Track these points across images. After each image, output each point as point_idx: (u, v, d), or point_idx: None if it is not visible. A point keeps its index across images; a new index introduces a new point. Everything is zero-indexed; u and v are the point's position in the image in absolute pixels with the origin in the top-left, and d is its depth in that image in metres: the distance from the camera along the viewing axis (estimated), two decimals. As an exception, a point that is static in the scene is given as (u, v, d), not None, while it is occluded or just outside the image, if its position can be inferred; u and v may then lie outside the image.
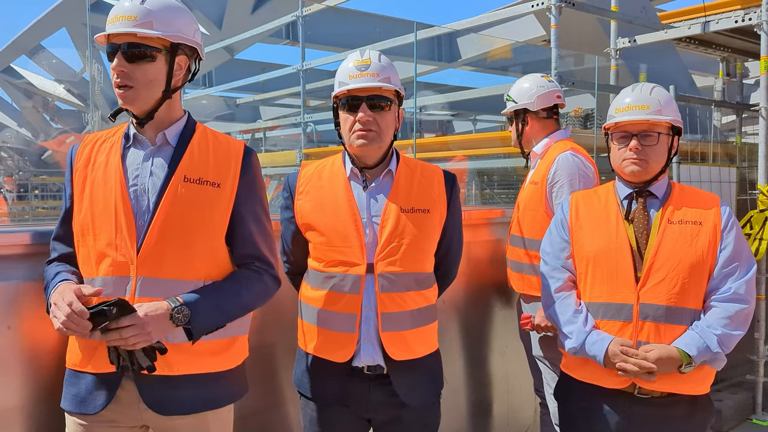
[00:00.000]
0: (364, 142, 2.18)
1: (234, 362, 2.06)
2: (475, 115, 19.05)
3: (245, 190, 2.02)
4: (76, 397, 1.94)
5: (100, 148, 2.01)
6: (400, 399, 2.23)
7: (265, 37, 12.86)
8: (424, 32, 9.45)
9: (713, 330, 2.25)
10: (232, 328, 2.03)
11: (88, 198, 1.95)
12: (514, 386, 3.57)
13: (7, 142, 19.00)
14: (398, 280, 2.20)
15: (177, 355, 1.92)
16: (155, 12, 1.89)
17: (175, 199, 1.92)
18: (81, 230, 1.96)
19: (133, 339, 1.78)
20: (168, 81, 1.93)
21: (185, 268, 1.93)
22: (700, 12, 6.57)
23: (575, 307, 2.41)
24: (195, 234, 1.94)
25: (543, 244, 2.60)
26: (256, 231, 2.04)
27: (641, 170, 2.37)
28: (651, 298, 2.30)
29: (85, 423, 1.95)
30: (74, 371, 1.96)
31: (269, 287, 2.08)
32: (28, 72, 18.16)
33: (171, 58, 1.92)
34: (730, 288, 2.29)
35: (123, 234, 1.89)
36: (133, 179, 1.95)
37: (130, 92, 1.90)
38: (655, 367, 2.21)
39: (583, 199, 2.56)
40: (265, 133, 14.77)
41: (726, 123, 10.41)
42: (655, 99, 2.40)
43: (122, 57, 1.88)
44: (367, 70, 2.19)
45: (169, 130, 1.99)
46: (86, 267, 1.96)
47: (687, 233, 2.34)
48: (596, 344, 2.31)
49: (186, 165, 1.96)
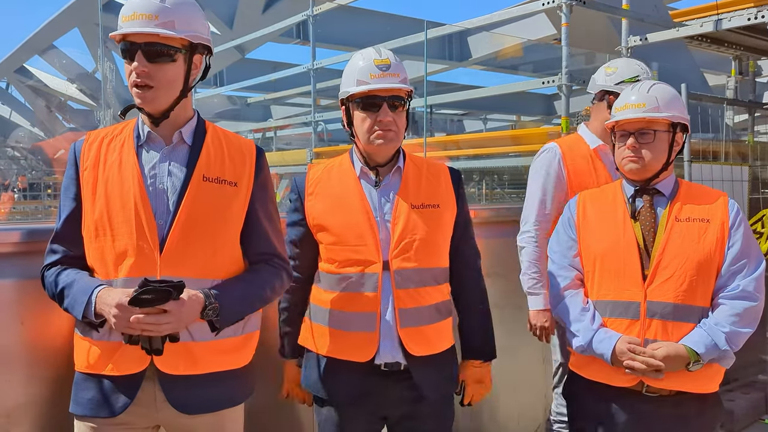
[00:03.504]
0: (383, 142, 2.20)
1: (248, 359, 2.08)
2: (485, 114, 19.02)
3: (259, 189, 2.05)
4: (92, 401, 1.90)
5: (108, 146, 1.98)
6: (416, 394, 2.24)
7: (275, 37, 12.88)
8: (434, 31, 9.44)
9: (721, 327, 2.24)
10: (248, 325, 2.05)
11: (102, 197, 1.91)
12: (523, 385, 3.56)
13: (21, 142, 19.13)
14: (414, 276, 2.21)
15: (202, 353, 1.92)
16: (175, 11, 1.86)
17: (196, 199, 1.92)
18: (95, 230, 1.91)
19: (166, 327, 1.77)
20: (186, 80, 1.94)
21: (207, 267, 1.93)
22: (713, 10, 6.53)
23: (582, 306, 2.41)
24: (216, 232, 1.95)
25: (550, 243, 2.61)
26: (271, 229, 2.07)
27: (639, 168, 2.38)
28: (658, 295, 2.29)
29: (95, 426, 1.91)
30: (88, 374, 1.92)
31: (285, 282, 2.11)
32: (40, 72, 18.29)
33: (189, 57, 1.92)
34: (739, 285, 2.28)
35: (145, 234, 1.87)
36: (151, 178, 1.93)
37: (150, 92, 1.87)
38: (662, 364, 2.21)
39: (590, 197, 2.57)
40: (276, 132, 14.81)
41: (738, 122, 10.34)
42: (653, 97, 2.40)
43: (143, 56, 1.85)
44: (388, 70, 2.19)
45: (184, 129, 1.99)
46: (102, 268, 1.91)
47: (694, 231, 2.33)
48: (603, 342, 2.31)
49: (204, 164, 1.96)
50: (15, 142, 19.26)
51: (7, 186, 18.21)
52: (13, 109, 21.08)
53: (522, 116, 18.69)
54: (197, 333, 1.90)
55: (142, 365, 1.87)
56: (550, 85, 6.88)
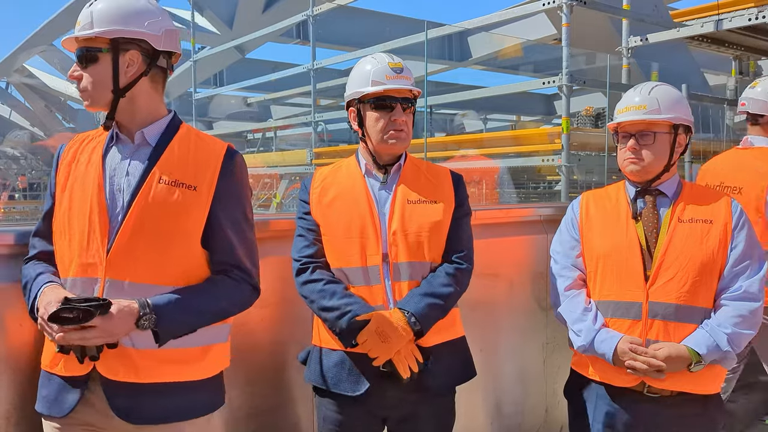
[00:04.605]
0: (396, 142, 2.28)
1: (209, 372, 1.98)
2: (486, 114, 19.03)
3: (224, 194, 1.93)
4: (47, 398, 1.89)
5: (85, 147, 1.97)
6: (417, 396, 2.24)
7: (275, 37, 12.90)
8: (434, 31, 9.45)
9: (723, 329, 2.24)
10: (205, 337, 1.95)
11: (67, 197, 1.91)
12: (526, 385, 3.56)
13: (20, 143, 19.14)
14: (412, 269, 2.23)
15: (144, 361, 1.84)
16: (96, 13, 1.87)
17: (149, 200, 1.86)
18: (58, 228, 1.92)
19: (94, 341, 1.74)
20: (115, 78, 1.88)
21: (156, 272, 1.86)
22: (713, 10, 6.53)
23: (584, 305, 2.42)
24: (168, 237, 1.87)
25: (553, 243, 2.62)
26: (235, 237, 1.95)
27: (639, 169, 2.39)
28: (660, 296, 2.30)
29: (59, 426, 1.88)
30: (46, 372, 1.91)
31: (247, 296, 1.99)
32: (40, 72, 18.30)
33: (114, 55, 1.88)
34: (741, 286, 2.28)
35: (95, 234, 1.84)
36: (110, 178, 1.90)
37: (85, 95, 1.91)
38: (664, 365, 2.21)
39: (594, 198, 2.58)
40: (276, 133, 14.80)
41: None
42: (653, 98, 2.40)
43: (78, 63, 1.91)
44: (401, 73, 2.30)
45: (148, 129, 1.93)
46: (61, 266, 1.91)
47: (697, 231, 2.33)
48: (605, 342, 2.32)
49: (162, 165, 1.90)
50: (14, 142, 19.26)
51: (8, 186, 18.23)
52: (13, 109, 21.10)
53: (522, 116, 18.70)
54: (138, 341, 1.82)
55: (86, 368, 1.82)
56: (550, 86, 6.89)
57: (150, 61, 1.92)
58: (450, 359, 2.32)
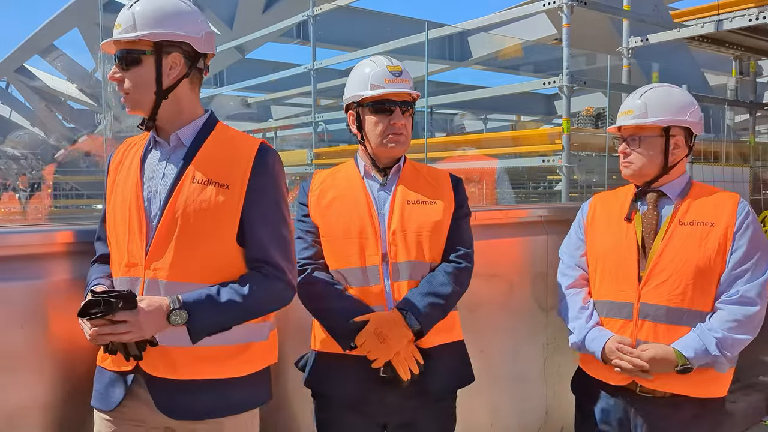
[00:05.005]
0: (395, 145, 2.28)
1: (249, 369, 2.01)
2: (486, 114, 19.02)
3: (257, 191, 1.95)
4: (98, 392, 1.98)
5: (130, 151, 2.05)
6: (417, 401, 2.23)
7: (276, 37, 12.89)
8: (435, 31, 9.44)
9: (714, 333, 2.23)
10: (242, 334, 1.98)
11: (113, 200, 2.00)
12: (526, 386, 3.56)
13: (21, 143, 19.13)
14: (411, 270, 2.23)
15: (182, 359, 1.89)
16: (138, 15, 1.89)
17: (181, 201, 1.90)
18: (108, 231, 2.02)
19: (126, 336, 1.77)
20: (158, 81, 1.91)
21: (193, 270, 1.90)
22: (713, 10, 6.53)
23: (582, 304, 2.48)
24: (202, 235, 1.90)
25: (562, 244, 2.69)
26: (267, 234, 1.95)
27: (630, 173, 2.45)
28: (652, 298, 2.32)
29: (110, 419, 1.96)
30: (99, 367, 2.00)
31: (279, 293, 1.99)
32: (41, 72, 18.30)
33: (158, 58, 1.90)
34: (738, 291, 2.26)
35: (135, 235, 1.91)
36: (148, 181, 1.96)
37: (127, 98, 1.93)
38: (647, 365, 2.24)
39: (602, 199, 2.62)
40: (276, 133, 14.80)
41: (739, 122, 10.35)
42: (642, 103, 2.43)
43: (117, 65, 1.92)
44: (400, 76, 2.30)
45: (182, 130, 1.98)
46: (112, 267, 2.01)
47: (696, 234, 2.32)
48: (595, 341, 2.38)
49: (196, 165, 1.94)
50: (16, 142, 19.23)
51: (8, 186, 18.22)
52: (13, 109, 21.09)
53: (522, 116, 18.70)
54: (173, 338, 1.86)
55: (132, 363, 1.89)
56: (551, 86, 6.89)
57: (191, 63, 1.96)
58: (449, 362, 2.31)
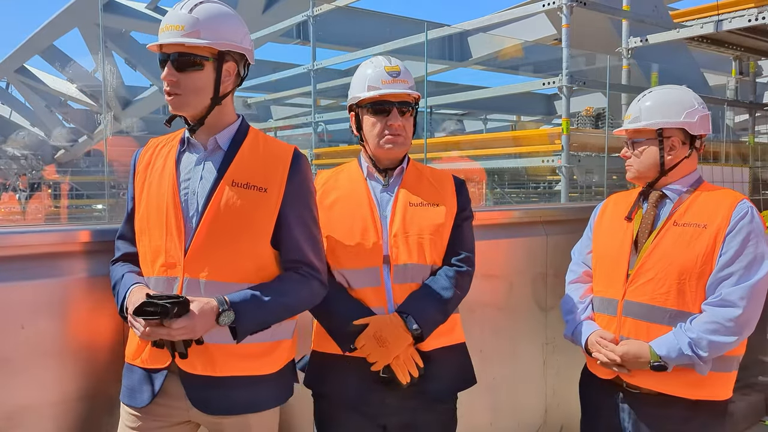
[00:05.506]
0: (393, 146, 2.27)
1: (277, 366, 2.08)
2: (486, 114, 19.03)
3: (292, 195, 2.03)
4: (127, 388, 2.02)
5: (159, 152, 2.09)
6: (416, 403, 2.23)
7: (276, 37, 12.88)
8: (434, 32, 9.46)
9: (689, 333, 2.22)
10: (276, 333, 2.05)
11: (145, 200, 2.04)
12: (526, 386, 3.56)
13: (22, 143, 19.12)
14: (412, 272, 2.23)
15: (222, 356, 1.95)
16: (202, 21, 1.93)
17: (221, 203, 1.96)
18: (139, 230, 2.05)
19: (180, 337, 1.84)
20: (216, 88, 1.98)
21: (231, 271, 1.96)
22: (713, 11, 6.54)
23: (578, 299, 2.58)
24: (240, 237, 1.97)
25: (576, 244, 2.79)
26: (302, 236, 2.04)
27: (631, 175, 2.53)
28: (636, 296, 2.36)
29: (137, 414, 2.01)
30: (129, 365, 2.04)
31: (315, 292, 2.08)
32: (41, 72, 18.28)
33: (219, 65, 1.96)
34: (721, 293, 2.23)
35: (172, 235, 1.96)
36: (185, 182, 2.00)
37: (177, 99, 1.96)
38: (618, 359, 2.31)
39: (615, 200, 2.67)
40: (276, 133, 14.80)
41: (739, 122, 10.36)
42: (639, 108, 2.49)
43: (171, 66, 1.94)
44: (398, 76, 2.28)
45: (220, 134, 2.03)
46: (144, 266, 2.04)
47: (687, 235, 2.31)
48: (582, 333, 2.49)
49: (234, 169, 1.99)
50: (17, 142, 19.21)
51: (8, 186, 18.21)
52: (13, 109, 21.09)
53: (522, 116, 18.71)
54: (216, 336, 1.93)
55: (165, 361, 1.95)
56: (550, 86, 6.90)
57: (243, 73, 2.05)
58: (450, 364, 2.31)
